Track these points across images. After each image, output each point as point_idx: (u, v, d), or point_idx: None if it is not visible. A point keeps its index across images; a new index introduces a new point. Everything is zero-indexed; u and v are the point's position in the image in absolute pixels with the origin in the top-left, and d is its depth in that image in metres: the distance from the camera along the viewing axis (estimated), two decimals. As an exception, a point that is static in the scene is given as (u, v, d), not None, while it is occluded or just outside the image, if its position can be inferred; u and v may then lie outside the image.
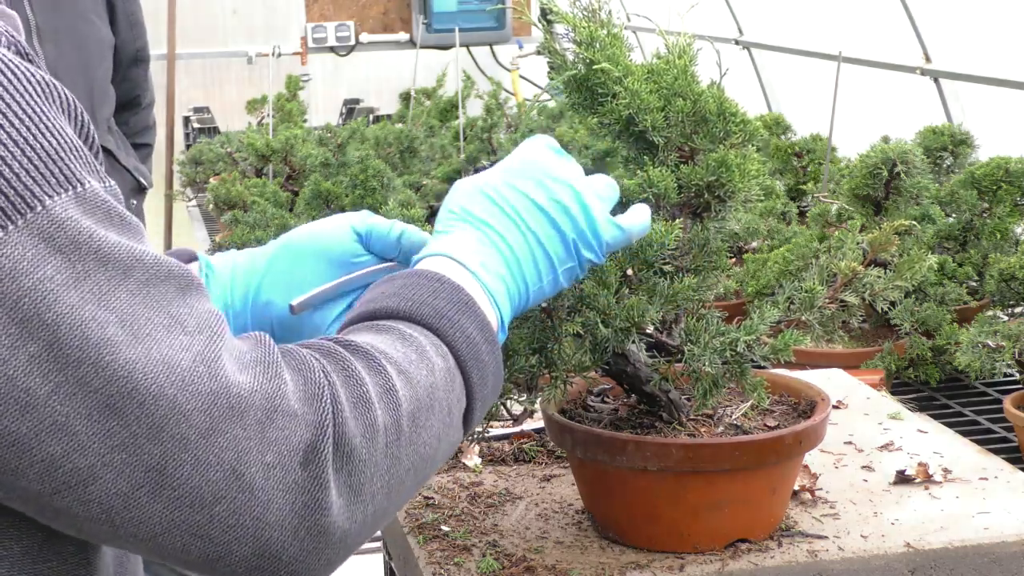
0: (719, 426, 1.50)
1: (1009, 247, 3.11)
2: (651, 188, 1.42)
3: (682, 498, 1.46)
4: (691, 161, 1.46)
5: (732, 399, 1.56)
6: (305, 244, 1.33)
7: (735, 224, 1.48)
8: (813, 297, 1.46)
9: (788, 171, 4.26)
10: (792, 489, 1.56)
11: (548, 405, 1.52)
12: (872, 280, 1.49)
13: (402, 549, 1.59)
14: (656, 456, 1.43)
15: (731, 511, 1.46)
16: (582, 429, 1.48)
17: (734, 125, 1.45)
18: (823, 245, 1.49)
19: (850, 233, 1.53)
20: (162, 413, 0.89)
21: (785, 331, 1.43)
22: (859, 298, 1.50)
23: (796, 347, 1.46)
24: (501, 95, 5.14)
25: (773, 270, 2.95)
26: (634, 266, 1.44)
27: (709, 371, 1.42)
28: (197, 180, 4.58)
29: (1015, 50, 4.43)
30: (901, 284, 1.49)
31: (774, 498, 1.50)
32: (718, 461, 1.44)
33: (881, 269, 1.53)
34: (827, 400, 1.56)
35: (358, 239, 1.32)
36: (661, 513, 1.47)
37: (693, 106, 1.43)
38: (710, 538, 1.47)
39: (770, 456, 1.46)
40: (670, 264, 1.44)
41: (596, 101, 1.44)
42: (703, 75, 1.46)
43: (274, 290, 1.32)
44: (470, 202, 1.21)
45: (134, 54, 3.76)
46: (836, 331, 1.49)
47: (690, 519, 1.46)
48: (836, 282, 1.50)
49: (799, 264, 2.79)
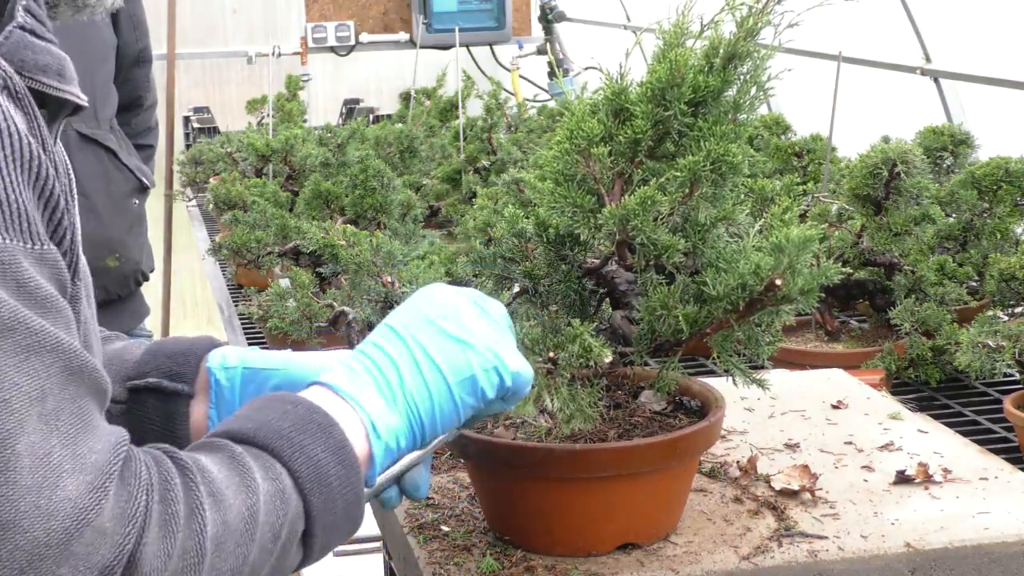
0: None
1: (1009, 247, 3.11)
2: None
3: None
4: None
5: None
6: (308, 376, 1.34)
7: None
8: None
9: (788, 171, 4.25)
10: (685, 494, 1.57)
11: None
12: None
13: (402, 549, 1.59)
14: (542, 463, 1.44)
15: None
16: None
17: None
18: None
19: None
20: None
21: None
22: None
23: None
24: (501, 95, 5.13)
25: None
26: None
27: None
28: (197, 180, 4.57)
29: (1015, 50, 4.43)
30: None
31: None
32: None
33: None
34: (722, 405, 1.55)
35: None
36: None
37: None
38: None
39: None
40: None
41: None
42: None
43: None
44: (370, 337, 1.24)
45: (136, 55, 3.77)
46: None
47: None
48: None
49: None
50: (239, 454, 1.07)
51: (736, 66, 1.50)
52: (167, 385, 1.39)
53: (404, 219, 3.57)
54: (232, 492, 1.03)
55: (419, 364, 1.21)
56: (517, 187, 3.48)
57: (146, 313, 3.93)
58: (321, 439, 1.11)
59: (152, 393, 1.40)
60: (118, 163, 3.61)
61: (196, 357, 1.41)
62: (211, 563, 1.00)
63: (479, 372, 1.22)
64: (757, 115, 3.85)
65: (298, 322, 2.91)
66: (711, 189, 1.48)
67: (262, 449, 1.09)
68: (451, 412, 1.22)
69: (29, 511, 0.90)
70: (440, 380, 1.21)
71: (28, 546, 0.89)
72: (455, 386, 1.21)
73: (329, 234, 3.09)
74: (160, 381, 1.39)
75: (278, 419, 1.11)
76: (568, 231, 1.55)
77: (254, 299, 3.11)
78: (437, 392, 1.21)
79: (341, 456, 1.11)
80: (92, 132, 3.51)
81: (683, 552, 1.48)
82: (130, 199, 3.66)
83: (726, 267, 1.45)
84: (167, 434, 1.39)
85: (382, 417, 1.17)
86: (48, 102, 1.10)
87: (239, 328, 3.70)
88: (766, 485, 1.66)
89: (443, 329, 1.22)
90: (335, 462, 1.11)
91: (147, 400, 1.40)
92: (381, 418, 1.17)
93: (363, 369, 1.20)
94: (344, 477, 1.11)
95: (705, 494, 1.64)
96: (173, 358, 1.41)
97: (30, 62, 1.07)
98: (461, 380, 1.22)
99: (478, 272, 1.63)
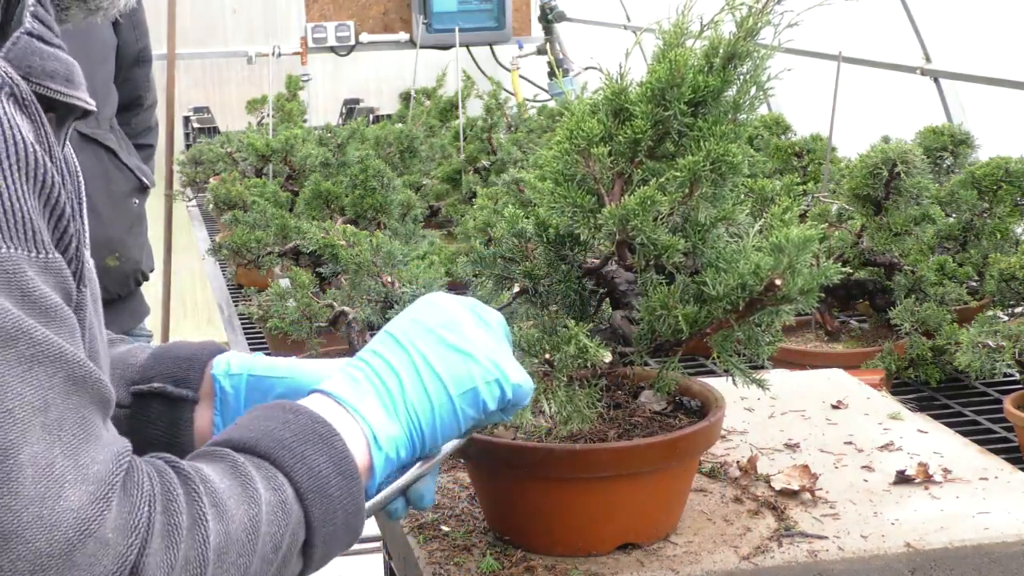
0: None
1: (1009, 247, 3.11)
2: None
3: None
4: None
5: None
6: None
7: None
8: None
9: (788, 171, 4.25)
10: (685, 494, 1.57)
11: None
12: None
13: (402, 549, 1.59)
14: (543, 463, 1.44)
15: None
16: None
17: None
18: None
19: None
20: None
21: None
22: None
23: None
24: (501, 95, 5.13)
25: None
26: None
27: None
28: (197, 180, 4.57)
29: (1015, 50, 4.43)
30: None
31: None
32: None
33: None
34: (722, 405, 1.55)
35: None
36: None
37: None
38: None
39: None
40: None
41: None
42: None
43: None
44: (370, 344, 1.23)
45: (136, 55, 3.77)
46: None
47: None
48: None
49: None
50: (241, 464, 1.07)
51: (736, 66, 1.50)
52: (172, 391, 1.39)
53: (404, 219, 3.57)
54: (234, 502, 1.03)
55: (421, 374, 1.20)
56: (517, 187, 3.48)
57: (146, 313, 3.93)
58: (323, 449, 1.11)
59: (157, 398, 1.40)
60: (118, 163, 3.61)
61: (201, 363, 1.41)
62: (213, 573, 1.00)
63: (480, 384, 1.22)
64: (757, 115, 3.85)
65: (298, 322, 2.91)
66: (711, 189, 1.48)
67: (264, 459, 1.09)
68: (452, 423, 1.22)
69: (32, 521, 0.90)
70: (442, 391, 1.21)
71: (31, 556, 0.89)
72: (457, 398, 1.21)
73: (329, 234, 3.09)
74: (165, 386, 1.39)
75: (279, 428, 1.11)
76: (568, 231, 1.55)
77: (254, 299, 3.11)
78: (439, 403, 1.21)
79: (342, 467, 1.12)
80: (92, 132, 3.51)
81: (683, 552, 1.48)
82: (130, 199, 3.66)
83: (726, 267, 1.45)
84: (171, 439, 1.38)
85: (383, 428, 1.18)
86: (56, 107, 1.10)
87: (239, 328, 3.70)
88: (766, 485, 1.66)
89: (444, 339, 1.22)
90: (336, 473, 1.11)
91: (151, 405, 1.40)
92: (382, 429, 1.17)
93: (364, 378, 1.20)
94: (345, 488, 1.12)
95: (705, 494, 1.64)
96: (178, 363, 1.41)
97: (38, 68, 1.07)
98: (463, 392, 1.22)
99: (478, 272, 1.63)
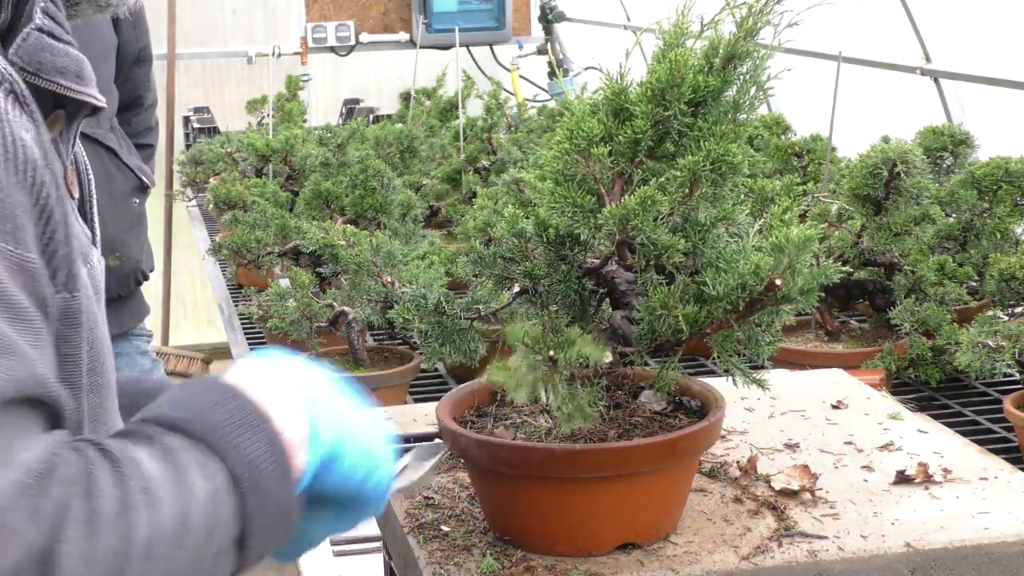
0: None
1: (1009, 247, 3.11)
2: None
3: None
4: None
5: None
6: None
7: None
8: None
9: (788, 171, 4.25)
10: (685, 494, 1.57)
11: (443, 412, 1.53)
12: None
13: (402, 549, 1.59)
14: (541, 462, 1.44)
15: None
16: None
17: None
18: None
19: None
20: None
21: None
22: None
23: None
24: (501, 95, 5.13)
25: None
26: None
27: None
28: (197, 180, 4.58)
29: (1015, 50, 4.43)
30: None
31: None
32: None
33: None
34: (722, 405, 1.55)
35: None
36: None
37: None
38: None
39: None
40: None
41: None
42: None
43: None
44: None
45: (136, 54, 3.77)
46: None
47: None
48: None
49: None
50: (175, 447, 1.00)
51: (736, 66, 1.50)
52: None
53: (404, 219, 3.58)
54: (166, 490, 0.97)
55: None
56: (517, 187, 3.48)
57: (146, 312, 3.93)
58: (258, 436, 1.04)
59: None
60: (119, 162, 3.62)
61: None
62: (141, 566, 0.94)
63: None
64: (757, 115, 3.85)
65: (298, 322, 2.91)
66: (711, 189, 1.48)
67: (199, 442, 1.02)
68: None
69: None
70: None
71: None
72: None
73: (329, 234, 3.09)
74: None
75: (212, 409, 1.04)
76: (568, 231, 1.55)
77: (254, 299, 3.11)
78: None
79: (276, 455, 1.05)
80: (92, 131, 3.51)
81: (683, 552, 1.48)
82: (130, 198, 3.66)
83: (726, 267, 1.45)
84: None
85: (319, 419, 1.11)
86: (66, 104, 1.10)
87: (239, 328, 3.71)
88: (766, 485, 1.66)
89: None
90: (271, 462, 1.04)
91: None
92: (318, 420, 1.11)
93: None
94: (280, 481, 1.05)
95: (705, 494, 1.64)
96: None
97: (48, 64, 1.07)
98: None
99: (478, 272, 1.64)
